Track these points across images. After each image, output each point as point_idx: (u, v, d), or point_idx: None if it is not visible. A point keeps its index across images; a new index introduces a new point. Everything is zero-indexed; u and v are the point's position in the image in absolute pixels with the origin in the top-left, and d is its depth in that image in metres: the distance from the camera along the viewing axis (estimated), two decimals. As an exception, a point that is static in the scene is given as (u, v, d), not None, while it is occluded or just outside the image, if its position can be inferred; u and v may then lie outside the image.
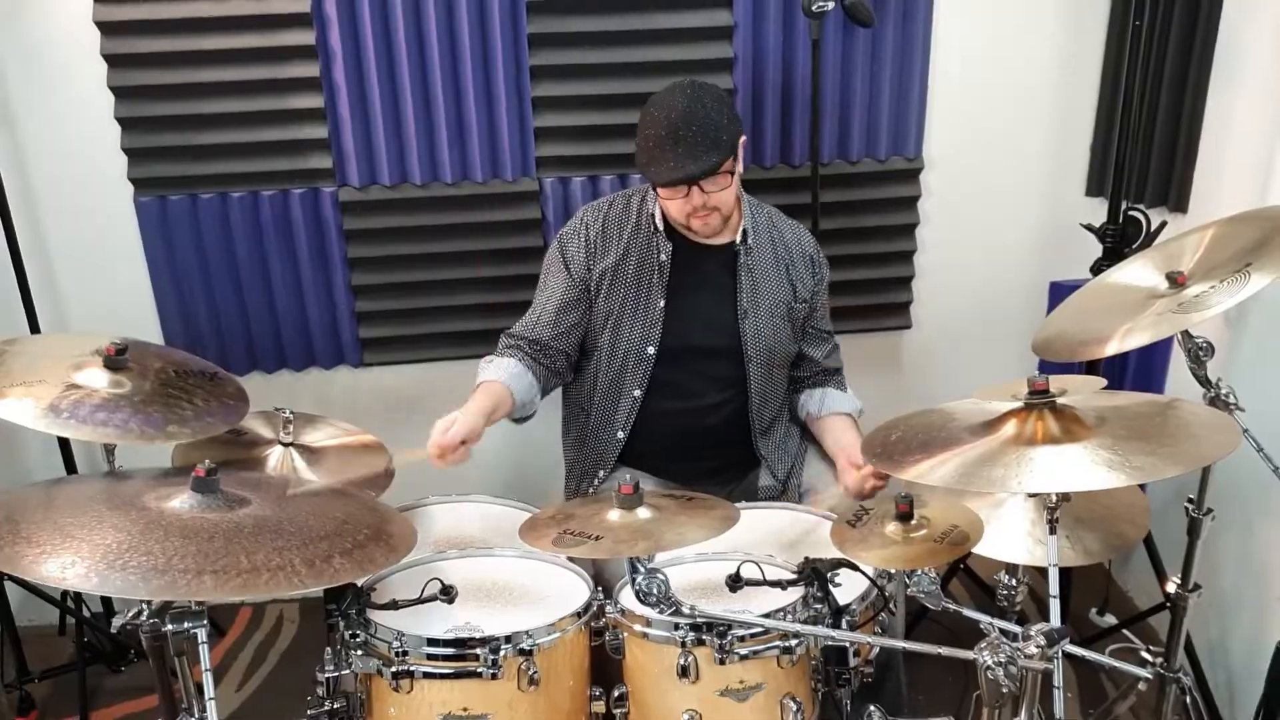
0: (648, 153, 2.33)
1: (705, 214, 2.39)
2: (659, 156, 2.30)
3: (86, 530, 1.55)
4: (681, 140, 2.28)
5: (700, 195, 2.34)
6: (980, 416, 1.85)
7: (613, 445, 2.58)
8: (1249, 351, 2.51)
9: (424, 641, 1.86)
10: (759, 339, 2.53)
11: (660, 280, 2.50)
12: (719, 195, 2.36)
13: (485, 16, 2.82)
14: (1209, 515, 2.17)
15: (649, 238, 2.50)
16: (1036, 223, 3.23)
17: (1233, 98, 2.64)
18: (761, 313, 2.52)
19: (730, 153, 2.32)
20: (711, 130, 2.29)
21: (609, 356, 2.54)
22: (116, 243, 2.95)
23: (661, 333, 2.51)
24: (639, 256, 2.50)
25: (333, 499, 1.88)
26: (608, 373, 2.55)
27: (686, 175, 2.30)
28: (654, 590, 1.69)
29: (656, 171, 2.33)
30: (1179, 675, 2.31)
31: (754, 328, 2.52)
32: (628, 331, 2.52)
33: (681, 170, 2.29)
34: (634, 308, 2.51)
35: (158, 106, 2.82)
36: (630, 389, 2.54)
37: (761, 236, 2.53)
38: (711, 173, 2.30)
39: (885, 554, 1.78)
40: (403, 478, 2.32)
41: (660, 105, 2.34)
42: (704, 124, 2.29)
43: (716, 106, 2.32)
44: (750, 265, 2.51)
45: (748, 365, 2.54)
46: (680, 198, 2.36)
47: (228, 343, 3.07)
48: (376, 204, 2.97)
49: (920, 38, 2.98)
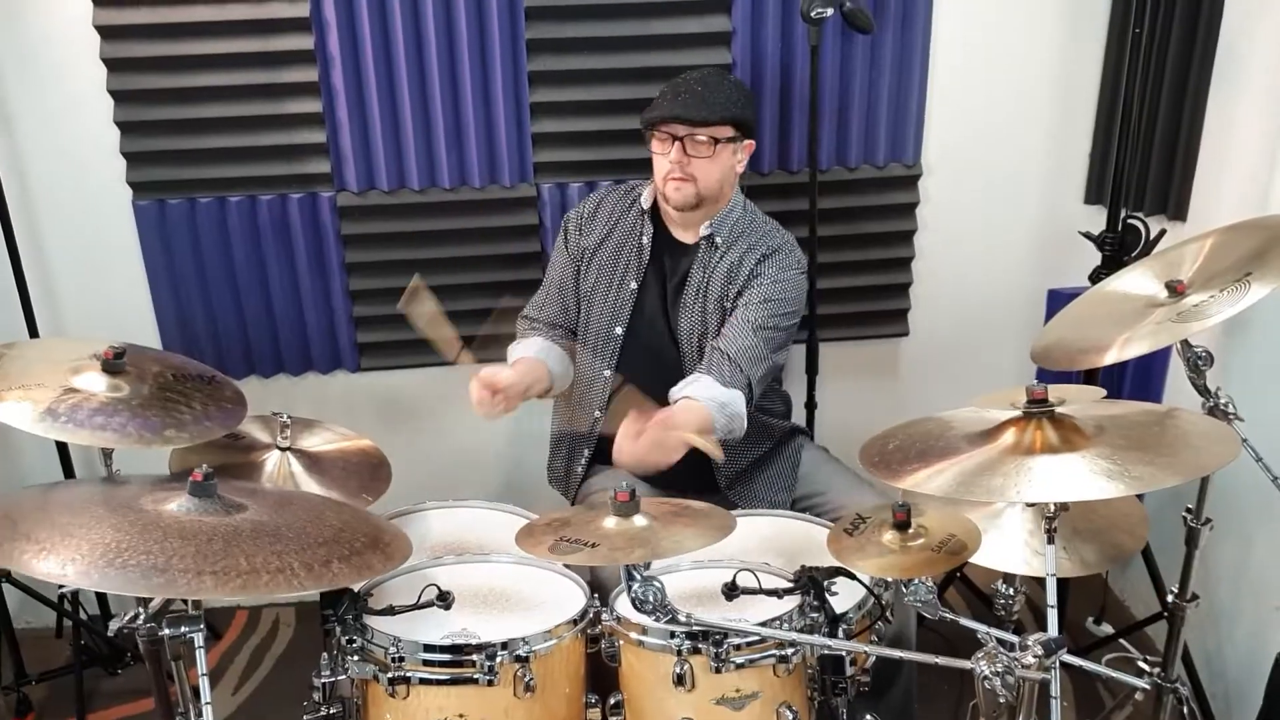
0: (654, 101, 2.42)
1: (681, 179, 2.39)
2: (661, 100, 2.41)
3: (85, 529, 1.54)
4: (688, 90, 2.38)
5: (681, 154, 2.37)
6: (978, 425, 1.84)
7: (591, 425, 2.61)
8: (1248, 361, 2.50)
9: (420, 647, 1.86)
10: (691, 333, 2.51)
11: (637, 263, 2.53)
12: (699, 164, 2.38)
13: (484, 22, 2.82)
14: (1207, 525, 2.17)
15: (635, 220, 2.55)
16: (1035, 230, 3.23)
17: (1232, 106, 2.64)
18: (698, 305, 2.50)
19: (729, 123, 2.38)
20: (720, 97, 2.37)
21: (584, 334, 2.60)
22: (114, 247, 2.94)
23: (631, 314, 2.53)
24: (621, 238, 2.55)
25: (329, 508, 1.87)
26: (583, 351, 2.60)
27: (675, 114, 2.35)
28: (650, 598, 1.69)
29: (654, 110, 2.40)
30: (1176, 685, 2.31)
31: (688, 321, 2.51)
32: (599, 310, 2.56)
33: (672, 110, 2.36)
34: (607, 286, 2.55)
35: (156, 111, 2.82)
36: (600, 369, 2.57)
37: (731, 237, 2.50)
38: (702, 124, 2.34)
39: (882, 562, 1.78)
40: (400, 481, 2.32)
41: (689, 72, 2.45)
42: (716, 89, 2.38)
43: (738, 88, 2.44)
44: (707, 261, 2.50)
45: (683, 358, 2.53)
46: (664, 154, 2.40)
47: (225, 347, 3.06)
48: (374, 209, 2.97)
49: (919, 44, 2.98)
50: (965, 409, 1.96)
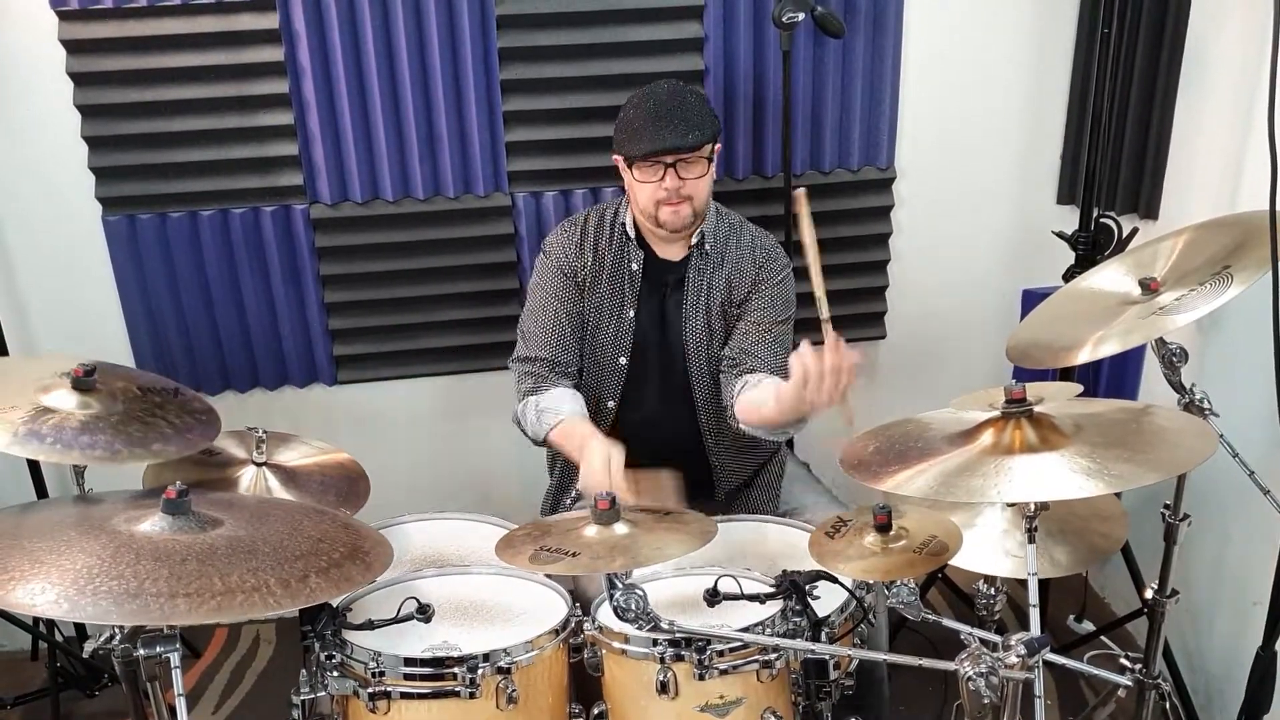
0: (630, 130, 2.35)
1: (677, 202, 2.37)
2: (642, 131, 2.32)
3: (56, 555, 1.52)
4: (666, 118, 2.31)
5: (675, 179, 2.34)
6: (957, 426, 1.85)
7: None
8: (1221, 356, 2.52)
9: (401, 661, 1.84)
10: (699, 346, 2.51)
11: (631, 290, 2.50)
12: (694, 184, 2.36)
13: (455, 32, 2.81)
14: (1185, 521, 2.18)
15: (621, 247, 2.51)
16: (1008, 230, 3.24)
17: (1201, 105, 2.66)
18: (700, 314, 2.50)
19: (711, 140, 2.35)
20: (694, 115, 2.33)
21: (587, 368, 2.55)
22: (85, 263, 2.91)
23: (632, 342, 2.51)
24: (612, 267, 2.50)
25: (307, 517, 1.86)
26: (586, 385, 2.56)
27: (670, 145, 2.30)
28: (632, 606, 1.68)
29: (639, 144, 2.33)
30: (1158, 681, 2.32)
31: (693, 333, 2.50)
32: (602, 343, 2.52)
33: (664, 141, 2.30)
34: (608, 318, 2.51)
35: (125, 125, 2.80)
36: (606, 399, 2.55)
37: (719, 244, 2.51)
38: (694, 149, 2.31)
39: (864, 565, 1.77)
40: (378, 494, 2.32)
41: (643, 93, 2.38)
42: (687, 108, 2.33)
43: (699, 100, 2.38)
44: (701, 268, 2.50)
45: (689, 369, 2.52)
46: (654, 181, 2.35)
47: (200, 363, 3.03)
48: (348, 221, 2.96)
49: (890, 48, 2.99)
50: (943, 410, 1.97)
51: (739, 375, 2.44)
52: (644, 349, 2.53)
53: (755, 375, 2.42)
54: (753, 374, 2.42)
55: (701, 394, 2.54)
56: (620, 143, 2.38)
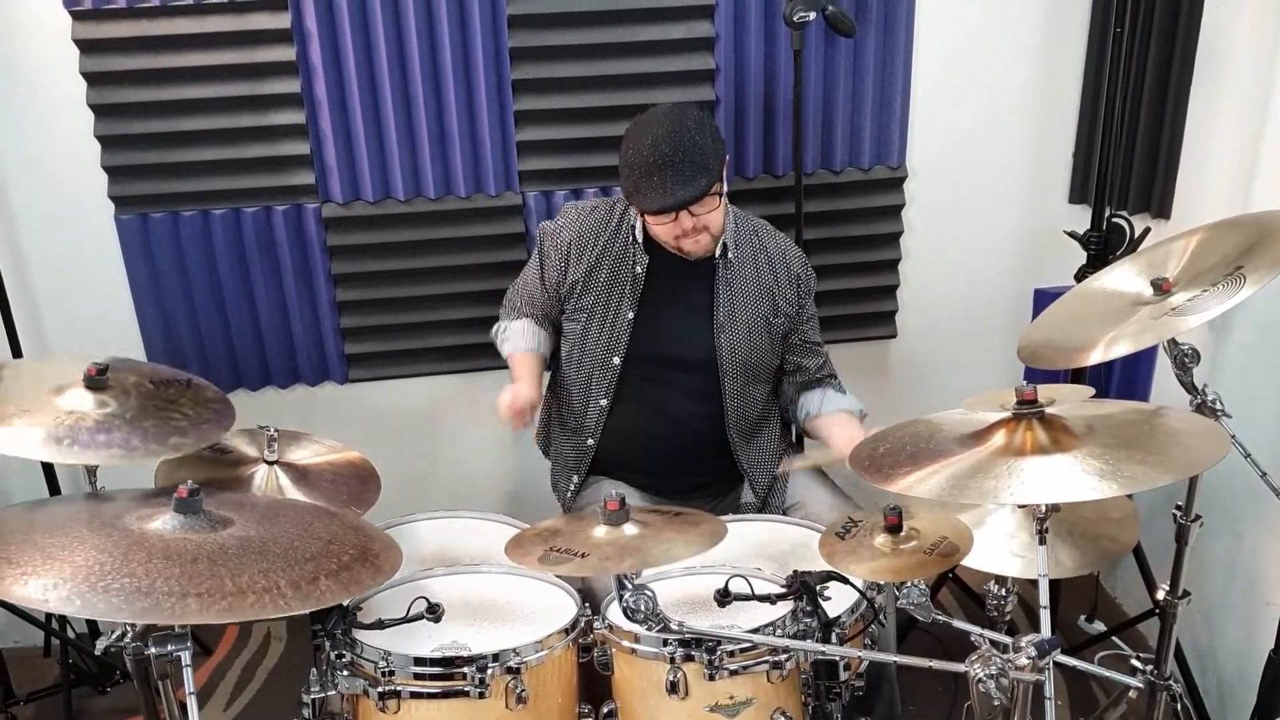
0: (633, 181, 2.30)
1: (696, 235, 2.37)
2: (646, 185, 2.27)
3: (68, 551, 1.53)
4: (668, 166, 2.24)
5: (690, 219, 2.32)
6: (968, 427, 1.84)
7: (584, 452, 2.59)
8: (1234, 357, 2.51)
9: (411, 661, 1.85)
10: (735, 353, 2.51)
11: (632, 292, 2.49)
12: (709, 216, 2.34)
13: (466, 31, 2.81)
14: (1197, 522, 2.17)
15: (625, 248, 2.50)
16: (1020, 230, 3.23)
17: (1214, 104, 2.64)
18: (739, 327, 2.50)
19: (717, 175, 2.30)
20: (697, 154, 2.26)
21: (577, 364, 2.56)
22: (98, 262, 2.92)
23: (629, 344, 2.51)
24: (612, 267, 2.50)
25: (317, 518, 1.86)
26: (575, 380, 2.57)
27: (677, 202, 2.26)
28: (641, 607, 1.68)
29: (645, 200, 2.29)
30: (1169, 683, 2.31)
31: (730, 342, 2.50)
32: (594, 340, 2.53)
33: (671, 197, 2.26)
34: (601, 317, 2.51)
35: (138, 124, 2.80)
36: (597, 398, 2.55)
37: (744, 250, 2.51)
38: (700, 197, 2.28)
39: (875, 566, 1.77)
40: (389, 493, 2.31)
41: (642, 132, 2.31)
42: (689, 149, 2.25)
43: (699, 129, 2.29)
44: (729, 279, 2.49)
45: (723, 379, 2.52)
46: (669, 222, 2.33)
47: (212, 361, 3.04)
48: (360, 220, 2.96)
49: (902, 46, 2.98)
50: (955, 411, 1.96)
51: (806, 389, 2.64)
52: (648, 351, 2.52)
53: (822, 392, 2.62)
54: (821, 386, 2.63)
55: (733, 402, 2.55)
56: (628, 192, 2.35)
